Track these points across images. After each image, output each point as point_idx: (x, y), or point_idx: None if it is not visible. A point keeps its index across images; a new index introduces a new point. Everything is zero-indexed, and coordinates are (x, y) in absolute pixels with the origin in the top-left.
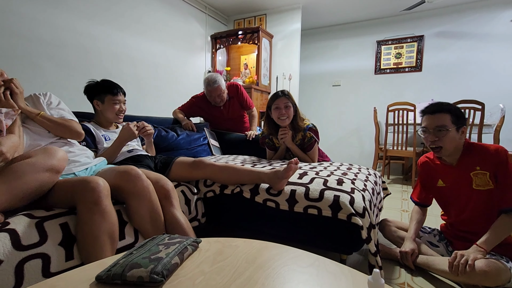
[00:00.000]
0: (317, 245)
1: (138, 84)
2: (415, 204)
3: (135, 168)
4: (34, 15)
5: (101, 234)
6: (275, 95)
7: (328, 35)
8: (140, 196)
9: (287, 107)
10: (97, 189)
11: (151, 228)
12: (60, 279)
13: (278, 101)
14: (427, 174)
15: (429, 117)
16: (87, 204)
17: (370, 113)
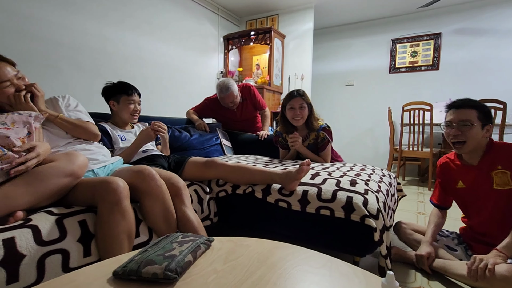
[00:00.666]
0: (330, 246)
1: (152, 85)
2: (434, 206)
3: (149, 168)
4: (52, 19)
5: (120, 233)
6: (291, 94)
7: (341, 34)
8: (153, 195)
9: (302, 107)
10: (118, 190)
11: (164, 226)
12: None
13: (293, 102)
14: (447, 175)
15: (454, 111)
16: (108, 205)
17: (385, 113)
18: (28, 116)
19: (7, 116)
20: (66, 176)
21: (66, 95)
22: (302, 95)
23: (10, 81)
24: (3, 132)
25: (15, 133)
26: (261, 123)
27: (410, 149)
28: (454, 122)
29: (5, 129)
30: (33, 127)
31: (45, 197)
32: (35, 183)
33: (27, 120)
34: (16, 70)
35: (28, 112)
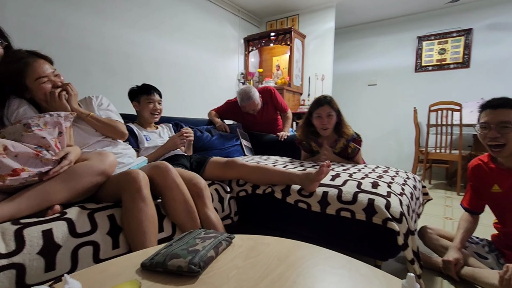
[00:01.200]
0: (350, 249)
1: (175, 86)
2: (465, 211)
3: (164, 163)
4: (84, 25)
5: (144, 219)
6: (318, 102)
7: (363, 32)
8: (171, 188)
9: (330, 115)
10: (137, 179)
11: (186, 219)
12: (111, 264)
13: (320, 110)
14: (480, 178)
15: (491, 112)
16: (130, 193)
17: (410, 113)
18: (58, 117)
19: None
20: (98, 175)
21: (99, 95)
22: (330, 102)
23: (48, 77)
24: (39, 133)
25: (49, 134)
26: (282, 124)
27: (437, 151)
28: (491, 124)
29: (39, 131)
30: (63, 127)
31: (79, 193)
32: (70, 180)
33: (58, 120)
34: (53, 68)
35: (57, 112)
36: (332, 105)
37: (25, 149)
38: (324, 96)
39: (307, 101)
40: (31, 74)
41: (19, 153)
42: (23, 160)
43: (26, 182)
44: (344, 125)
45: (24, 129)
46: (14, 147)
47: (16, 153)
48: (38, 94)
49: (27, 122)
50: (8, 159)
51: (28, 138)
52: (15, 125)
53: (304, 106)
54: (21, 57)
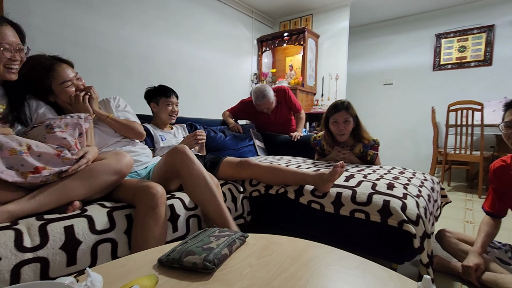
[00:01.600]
0: (364, 250)
1: (189, 87)
2: (487, 214)
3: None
4: (103, 29)
5: (150, 237)
6: (335, 107)
7: (379, 31)
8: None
9: (347, 121)
10: (156, 196)
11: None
12: (129, 259)
13: (337, 116)
14: (502, 181)
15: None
16: (145, 207)
17: (427, 113)
18: (78, 118)
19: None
20: (114, 174)
21: (117, 96)
22: (347, 108)
23: (71, 81)
24: (60, 134)
25: (70, 135)
26: (295, 124)
27: (457, 152)
28: None
29: (61, 132)
30: (83, 128)
31: (96, 190)
32: (88, 178)
33: (78, 122)
34: (75, 71)
35: (78, 114)
36: (350, 111)
37: (48, 149)
38: (342, 101)
39: (321, 101)
40: (57, 78)
41: (42, 153)
42: (45, 159)
43: (46, 180)
44: (362, 130)
45: (47, 130)
46: (38, 147)
47: (39, 153)
48: (62, 97)
49: (49, 123)
50: (31, 158)
51: (51, 139)
52: (38, 127)
53: (318, 106)
54: (46, 63)
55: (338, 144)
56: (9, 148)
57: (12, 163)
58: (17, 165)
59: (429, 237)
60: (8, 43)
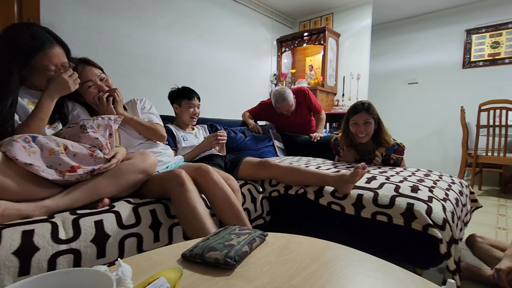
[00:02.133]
0: (386, 254)
1: (210, 88)
2: None
3: (204, 165)
4: (128, 34)
5: (197, 205)
6: (355, 109)
7: (403, 28)
8: (211, 187)
9: (367, 123)
10: (180, 175)
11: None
12: (154, 253)
13: (357, 117)
14: None
15: None
16: (177, 187)
17: (456, 113)
18: (108, 120)
19: (93, 121)
20: (140, 173)
21: (143, 98)
22: (368, 109)
23: (93, 82)
24: (93, 135)
25: (101, 136)
26: (315, 125)
27: (489, 154)
28: None
29: (93, 132)
30: (113, 129)
31: (124, 188)
32: (116, 177)
33: (108, 123)
34: (100, 72)
35: (108, 116)
36: (371, 112)
37: (82, 150)
38: (362, 102)
39: (341, 102)
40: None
41: (77, 153)
42: (79, 158)
43: (80, 178)
44: (383, 133)
45: (81, 130)
46: (73, 147)
47: (74, 153)
48: (87, 98)
49: (83, 124)
50: (67, 158)
51: (85, 139)
52: (74, 127)
53: (338, 106)
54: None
55: (357, 146)
56: (48, 148)
57: (51, 163)
58: (55, 164)
59: (456, 243)
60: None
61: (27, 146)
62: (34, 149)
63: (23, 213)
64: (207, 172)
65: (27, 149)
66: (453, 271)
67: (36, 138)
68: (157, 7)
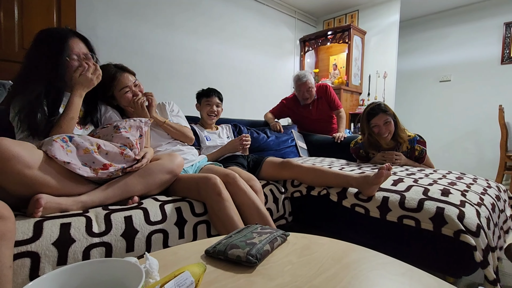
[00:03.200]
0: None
1: (233, 89)
2: None
3: (233, 173)
4: (157, 38)
5: (233, 214)
6: (372, 112)
7: (434, 23)
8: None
9: (387, 122)
10: (217, 184)
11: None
12: (179, 249)
13: (377, 120)
14: None
15: None
16: (214, 197)
17: (493, 112)
18: (139, 122)
19: (126, 122)
20: (168, 173)
21: (171, 101)
22: (384, 109)
23: (129, 87)
24: (125, 134)
25: (132, 136)
26: (337, 124)
27: None
28: None
29: (125, 132)
30: (143, 130)
31: (152, 187)
32: (145, 176)
33: (139, 125)
34: (134, 78)
35: (140, 118)
36: (387, 111)
37: (113, 148)
38: (376, 104)
39: (367, 101)
40: (118, 85)
41: (109, 151)
42: (111, 157)
43: (112, 175)
44: (400, 129)
45: (114, 130)
46: (105, 146)
47: (106, 151)
48: (122, 102)
49: (116, 124)
50: (100, 156)
51: (117, 138)
52: (108, 128)
53: (363, 106)
54: (111, 72)
55: (379, 148)
56: (83, 147)
57: (86, 160)
58: (89, 162)
59: (493, 251)
60: (76, 54)
61: (64, 146)
62: (71, 148)
63: (62, 206)
64: (235, 180)
65: (64, 148)
66: (493, 281)
67: (73, 138)
68: (183, 12)
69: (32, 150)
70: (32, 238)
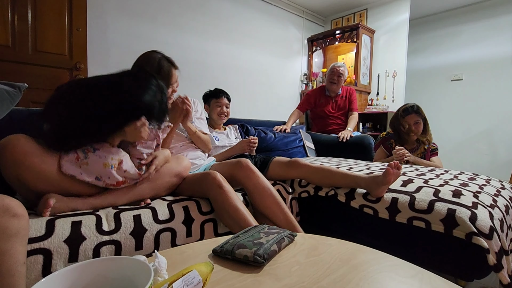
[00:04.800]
0: (424, 262)
1: (240, 89)
2: None
3: (243, 158)
4: (166, 39)
5: (238, 204)
6: (406, 111)
7: (445, 21)
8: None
9: (417, 123)
10: (216, 177)
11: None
12: (187, 248)
13: (408, 119)
14: None
15: None
16: (215, 190)
17: (507, 112)
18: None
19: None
20: (175, 176)
21: (196, 100)
22: (417, 111)
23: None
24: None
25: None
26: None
27: None
28: None
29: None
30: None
31: (160, 190)
32: (154, 180)
33: (156, 133)
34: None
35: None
36: (419, 113)
37: (132, 168)
38: (411, 105)
39: (376, 101)
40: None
41: (127, 170)
42: (128, 176)
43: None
44: (428, 133)
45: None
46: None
47: (125, 170)
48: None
49: None
50: (117, 173)
51: (133, 150)
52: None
53: (372, 106)
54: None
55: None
56: (104, 162)
57: (102, 174)
58: (105, 176)
59: (507, 254)
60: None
61: (81, 157)
62: (89, 160)
63: (72, 207)
64: (248, 163)
65: (80, 160)
66: (507, 286)
67: (97, 151)
68: (191, 12)
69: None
70: (44, 235)
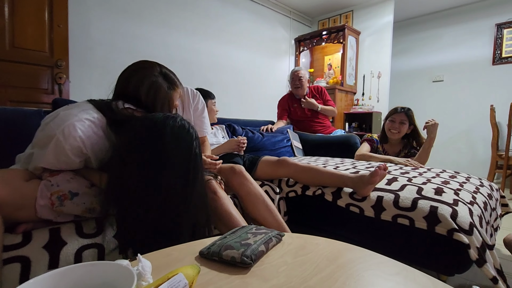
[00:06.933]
0: (408, 258)
1: (227, 89)
2: None
3: (237, 165)
4: (152, 37)
5: (231, 210)
6: (396, 109)
7: (427, 24)
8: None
9: (402, 123)
10: (212, 184)
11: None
12: (173, 250)
13: (395, 116)
14: None
15: None
16: (209, 195)
17: (485, 112)
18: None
19: None
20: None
21: (196, 93)
22: (407, 112)
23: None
24: None
25: None
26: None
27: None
28: None
29: None
30: None
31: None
32: None
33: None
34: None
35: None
36: (408, 115)
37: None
38: (403, 107)
39: (361, 101)
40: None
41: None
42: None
43: None
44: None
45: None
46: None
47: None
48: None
49: None
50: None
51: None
52: None
53: (358, 106)
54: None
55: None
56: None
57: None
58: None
59: (491, 249)
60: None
61: (56, 204)
62: (64, 208)
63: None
64: (241, 170)
65: (54, 206)
66: (493, 279)
67: (76, 196)
68: (179, 12)
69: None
70: (21, 242)
